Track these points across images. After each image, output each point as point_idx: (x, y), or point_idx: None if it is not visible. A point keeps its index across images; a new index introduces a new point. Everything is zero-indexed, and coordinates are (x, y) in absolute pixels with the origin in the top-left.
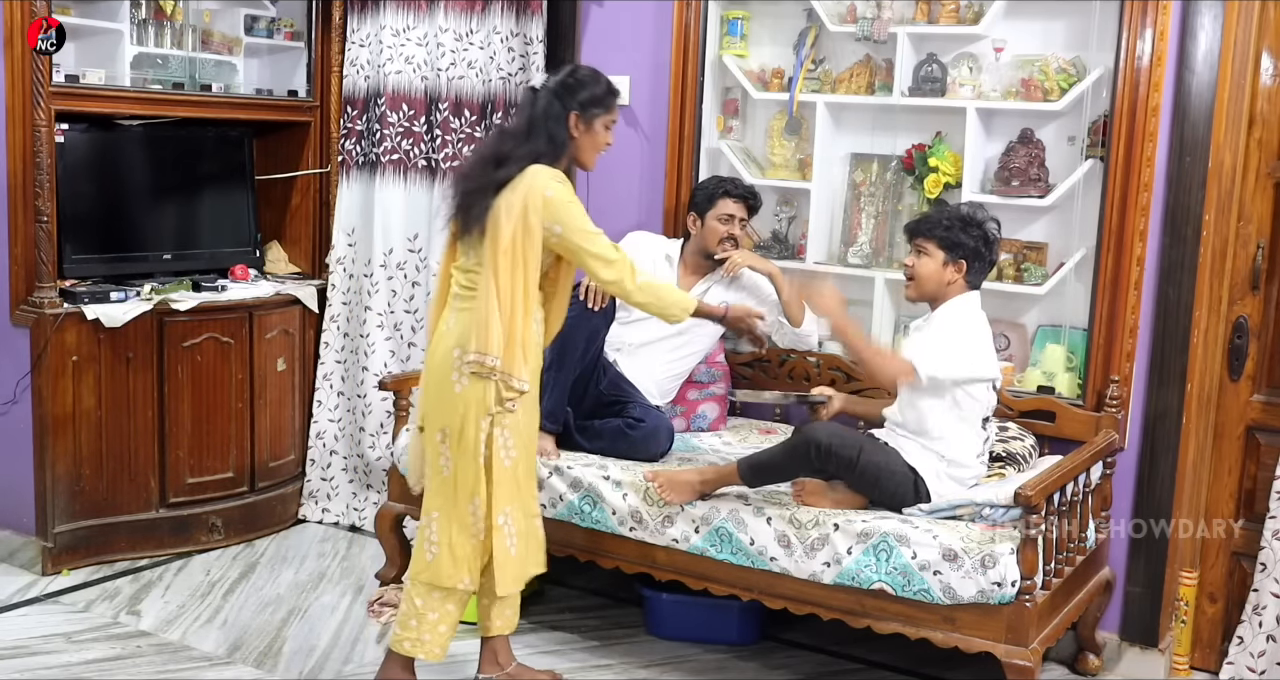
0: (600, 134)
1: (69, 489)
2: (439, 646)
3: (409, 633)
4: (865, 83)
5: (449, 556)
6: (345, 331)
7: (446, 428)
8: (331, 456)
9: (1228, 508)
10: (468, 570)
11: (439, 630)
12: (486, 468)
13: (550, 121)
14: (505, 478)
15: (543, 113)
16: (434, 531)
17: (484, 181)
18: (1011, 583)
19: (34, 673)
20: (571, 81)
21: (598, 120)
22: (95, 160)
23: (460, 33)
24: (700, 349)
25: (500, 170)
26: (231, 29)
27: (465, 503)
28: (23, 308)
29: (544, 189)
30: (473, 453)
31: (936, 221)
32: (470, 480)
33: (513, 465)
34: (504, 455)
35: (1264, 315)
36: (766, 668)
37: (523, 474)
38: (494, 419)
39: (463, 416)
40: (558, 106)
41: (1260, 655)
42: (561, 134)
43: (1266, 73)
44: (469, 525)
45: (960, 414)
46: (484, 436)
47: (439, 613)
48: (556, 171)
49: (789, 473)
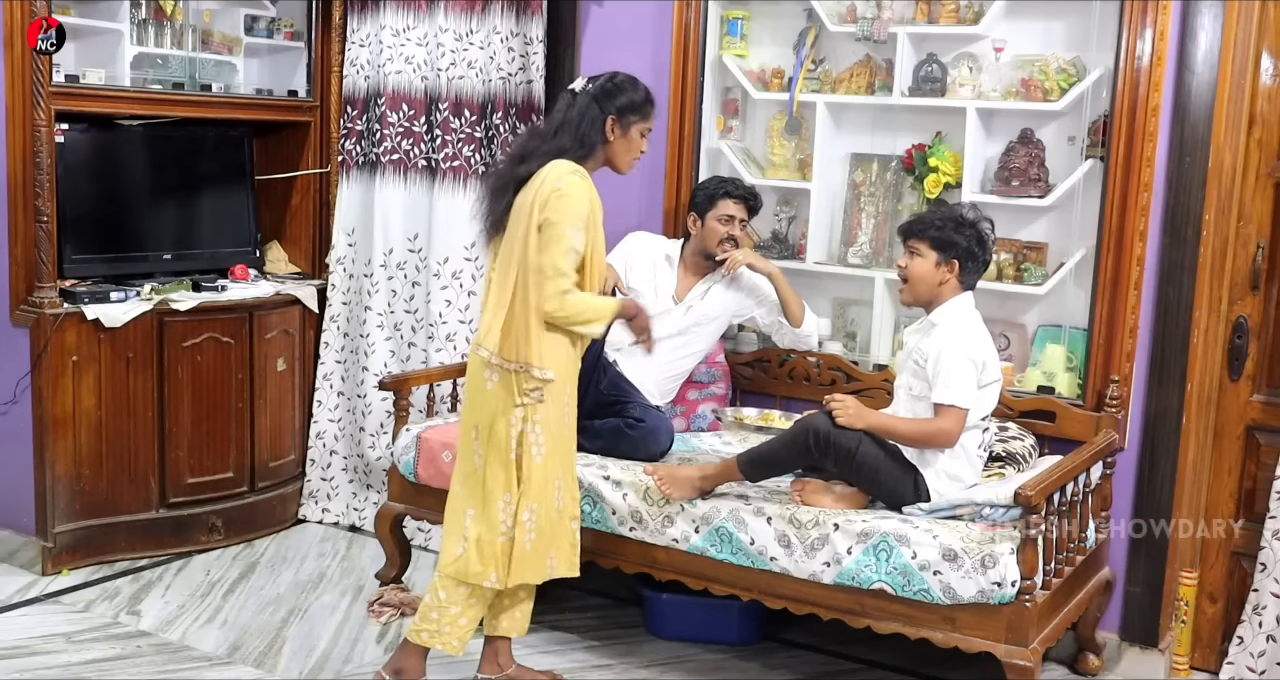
0: (635, 141)
1: (69, 489)
2: (458, 639)
3: (428, 624)
4: (865, 83)
5: (477, 553)
6: (345, 331)
7: (479, 425)
8: (331, 456)
9: (1228, 508)
10: (495, 567)
11: (460, 623)
12: (518, 464)
13: (585, 123)
14: (535, 474)
15: (579, 114)
16: (467, 527)
17: (506, 179)
18: (1011, 583)
19: (34, 673)
20: (611, 86)
21: (634, 127)
22: (95, 160)
23: (460, 33)
24: (700, 349)
25: (522, 166)
26: (231, 29)
27: (496, 499)
28: (23, 308)
29: (556, 181)
30: (503, 449)
31: (929, 222)
32: (501, 477)
33: (544, 462)
34: (535, 452)
35: (1264, 315)
36: (766, 668)
37: (557, 473)
38: (526, 415)
39: (493, 413)
40: (596, 109)
41: (1260, 655)
42: (595, 136)
43: (1266, 73)
44: (498, 523)
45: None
46: (515, 433)
47: (461, 606)
48: (577, 166)
49: (789, 464)
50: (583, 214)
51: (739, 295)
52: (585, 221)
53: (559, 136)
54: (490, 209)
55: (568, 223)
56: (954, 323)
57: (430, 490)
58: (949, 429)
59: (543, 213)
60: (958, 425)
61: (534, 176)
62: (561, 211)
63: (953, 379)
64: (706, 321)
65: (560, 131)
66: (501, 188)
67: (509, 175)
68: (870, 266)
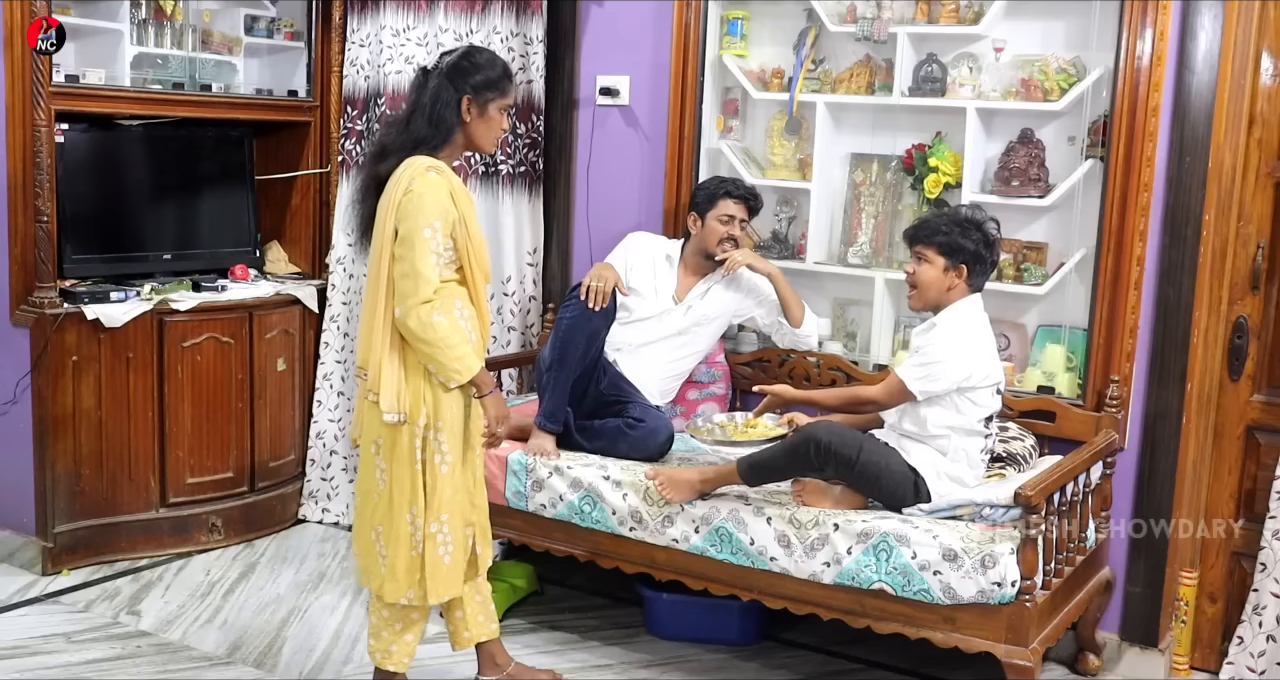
0: (495, 119)
1: (69, 489)
2: (408, 656)
3: (380, 643)
4: (865, 83)
5: (392, 573)
6: (345, 331)
7: (379, 438)
8: (331, 456)
9: (1228, 508)
10: (410, 584)
11: (405, 640)
12: (423, 476)
13: (440, 106)
14: (443, 485)
15: (432, 97)
16: (382, 546)
17: (367, 181)
18: (1011, 583)
19: (34, 673)
20: (466, 64)
21: (492, 104)
22: (95, 160)
23: (460, 33)
24: (700, 349)
25: (381, 165)
26: (231, 29)
27: (403, 514)
28: (23, 308)
29: (409, 182)
30: (407, 461)
31: (935, 227)
32: (406, 491)
33: (450, 471)
34: (439, 461)
35: (1264, 315)
36: (766, 668)
37: (462, 477)
38: (427, 421)
39: (392, 427)
40: (450, 90)
41: (1260, 655)
42: (451, 119)
43: (1266, 73)
44: (408, 538)
45: (962, 418)
46: (419, 442)
47: (403, 623)
48: (434, 162)
49: (789, 472)
50: (440, 212)
51: (739, 295)
52: (445, 219)
53: (413, 124)
54: (357, 214)
55: (423, 225)
56: (954, 322)
57: None
58: (877, 395)
59: (396, 219)
60: (888, 397)
61: (391, 177)
62: (414, 214)
63: (918, 361)
64: (706, 322)
65: (414, 118)
66: (363, 191)
67: (369, 176)
68: (870, 267)
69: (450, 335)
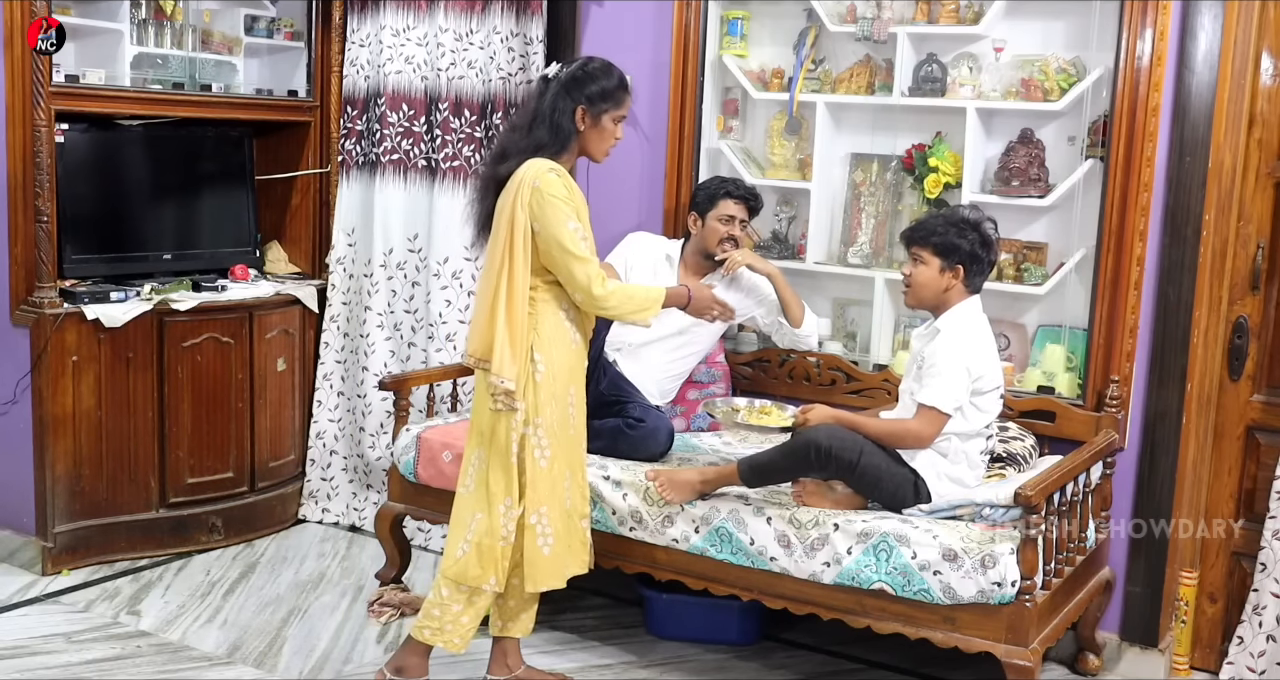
0: (609, 129)
1: (69, 489)
2: (459, 637)
3: (430, 621)
4: (865, 83)
5: (476, 556)
6: (345, 331)
7: (482, 428)
8: (331, 456)
9: (1228, 508)
10: (494, 571)
11: (461, 622)
12: (520, 468)
13: (556, 114)
14: (540, 477)
15: (550, 106)
16: (471, 530)
17: (487, 180)
18: (1011, 583)
19: (34, 673)
20: (581, 74)
21: (606, 115)
22: (95, 160)
23: (460, 33)
24: (700, 349)
25: (501, 166)
26: (231, 29)
27: (497, 503)
28: (23, 308)
29: (534, 180)
30: (504, 452)
31: (931, 228)
32: (502, 482)
33: (549, 465)
34: (538, 455)
35: (1264, 315)
36: (766, 668)
37: (563, 474)
38: (527, 418)
39: (493, 418)
40: (566, 99)
41: (1260, 655)
42: (568, 127)
43: (1266, 73)
44: (499, 528)
45: (967, 424)
46: (516, 436)
47: (463, 605)
48: (554, 164)
49: (789, 474)
50: (571, 206)
51: (739, 295)
52: (574, 214)
53: (535, 130)
54: (476, 211)
55: (563, 217)
56: (957, 328)
57: (430, 490)
58: (920, 431)
59: (529, 215)
60: (931, 428)
61: (512, 177)
62: (550, 206)
63: (940, 382)
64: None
65: (535, 124)
66: (484, 189)
67: (490, 176)
68: (870, 267)
69: (622, 289)
